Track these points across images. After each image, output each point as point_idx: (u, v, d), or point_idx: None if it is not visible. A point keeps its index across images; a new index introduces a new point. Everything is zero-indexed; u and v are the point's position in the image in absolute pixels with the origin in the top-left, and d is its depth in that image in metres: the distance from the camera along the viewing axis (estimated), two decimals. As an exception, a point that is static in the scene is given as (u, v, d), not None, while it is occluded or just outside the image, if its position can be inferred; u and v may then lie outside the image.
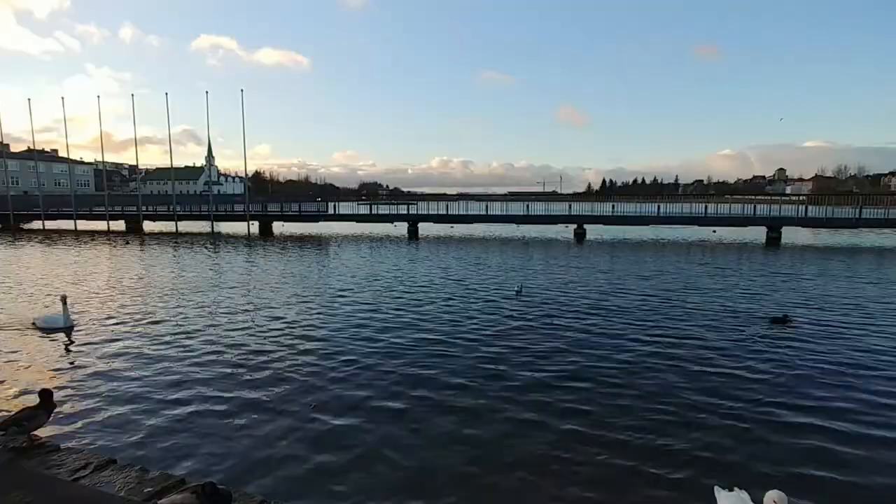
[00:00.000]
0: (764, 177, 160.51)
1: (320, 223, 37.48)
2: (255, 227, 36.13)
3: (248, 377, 7.12)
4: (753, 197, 51.42)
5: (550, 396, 6.51)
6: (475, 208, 37.32)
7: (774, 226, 30.15)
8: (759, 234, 31.10)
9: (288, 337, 9.17)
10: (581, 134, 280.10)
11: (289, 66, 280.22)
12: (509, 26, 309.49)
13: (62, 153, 68.17)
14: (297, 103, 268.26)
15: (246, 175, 49.19)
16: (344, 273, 16.87)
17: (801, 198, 38.85)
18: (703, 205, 34.32)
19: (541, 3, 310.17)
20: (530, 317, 10.64)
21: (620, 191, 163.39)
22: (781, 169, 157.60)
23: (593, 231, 33.66)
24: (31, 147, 53.42)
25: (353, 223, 38.33)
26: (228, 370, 7.43)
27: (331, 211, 37.59)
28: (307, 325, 9.99)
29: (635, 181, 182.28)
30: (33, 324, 9.70)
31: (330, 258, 21.47)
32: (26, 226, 40.27)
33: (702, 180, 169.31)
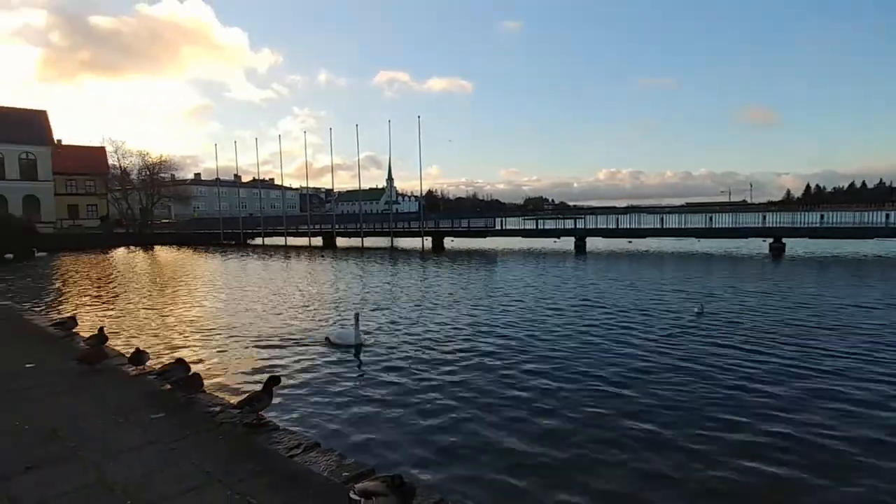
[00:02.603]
0: None
1: (487, 238, 38.65)
2: (428, 242, 38.82)
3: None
4: None
5: (754, 460, 5.00)
6: (647, 221, 34.91)
7: None
8: None
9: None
10: (771, 135, 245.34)
11: (454, 91, 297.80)
12: (664, 30, 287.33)
13: (277, 181, 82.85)
14: (462, 125, 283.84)
15: (421, 194, 53.17)
16: (511, 290, 17.05)
17: None
18: (956, 212, 27.31)
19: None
20: (713, 351, 8.95)
21: (831, 198, 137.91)
22: None
23: (795, 246, 28.99)
24: (256, 177, 65.26)
25: (520, 238, 38.74)
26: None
27: (497, 226, 38.52)
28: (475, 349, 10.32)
29: (851, 185, 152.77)
30: (327, 339, 9.91)
31: (498, 274, 21.99)
32: (251, 241, 49.18)
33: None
